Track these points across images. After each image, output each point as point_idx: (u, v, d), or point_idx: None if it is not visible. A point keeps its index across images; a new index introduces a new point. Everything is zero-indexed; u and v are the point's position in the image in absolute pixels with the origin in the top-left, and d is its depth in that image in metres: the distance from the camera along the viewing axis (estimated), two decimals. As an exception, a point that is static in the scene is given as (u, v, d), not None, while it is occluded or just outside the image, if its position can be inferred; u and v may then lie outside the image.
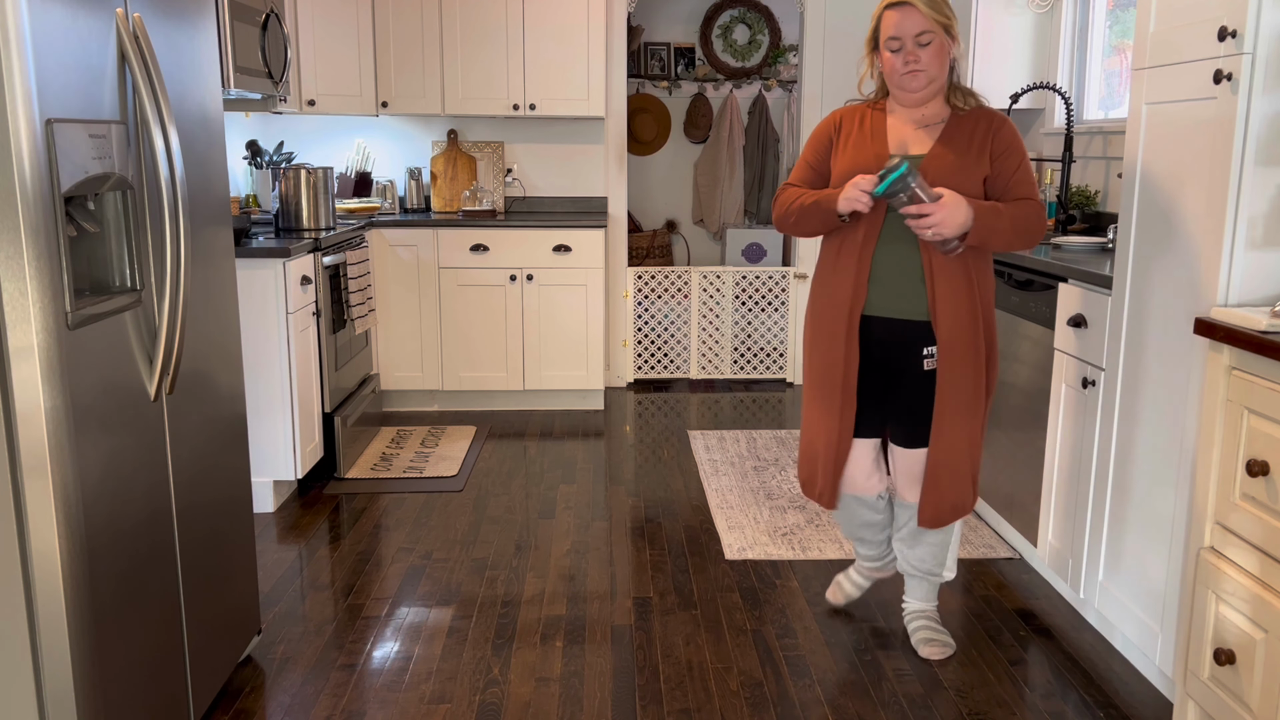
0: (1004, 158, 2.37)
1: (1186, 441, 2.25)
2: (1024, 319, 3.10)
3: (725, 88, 7.22)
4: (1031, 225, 2.37)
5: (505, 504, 3.74)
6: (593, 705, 2.41)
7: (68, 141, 1.67)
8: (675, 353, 5.65)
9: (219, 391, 2.37)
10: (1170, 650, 2.34)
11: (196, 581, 2.22)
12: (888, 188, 2.23)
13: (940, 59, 2.34)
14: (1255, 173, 2.06)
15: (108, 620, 1.81)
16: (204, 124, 2.28)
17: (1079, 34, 4.11)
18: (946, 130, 2.39)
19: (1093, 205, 3.82)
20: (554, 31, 4.96)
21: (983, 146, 2.36)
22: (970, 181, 2.34)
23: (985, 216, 2.31)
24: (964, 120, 2.39)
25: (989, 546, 3.33)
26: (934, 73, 2.35)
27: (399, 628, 2.78)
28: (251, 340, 3.49)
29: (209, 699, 2.30)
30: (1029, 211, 2.36)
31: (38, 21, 1.60)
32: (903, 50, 2.33)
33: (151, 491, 2.01)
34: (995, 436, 3.33)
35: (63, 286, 1.67)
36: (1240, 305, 2.10)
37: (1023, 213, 2.36)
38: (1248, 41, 2.02)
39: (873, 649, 2.68)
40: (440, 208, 5.32)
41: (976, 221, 2.29)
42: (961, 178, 2.34)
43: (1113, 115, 3.95)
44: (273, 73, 3.84)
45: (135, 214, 1.93)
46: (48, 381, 1.64)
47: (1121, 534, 2.54)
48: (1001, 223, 2.33)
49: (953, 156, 2.36)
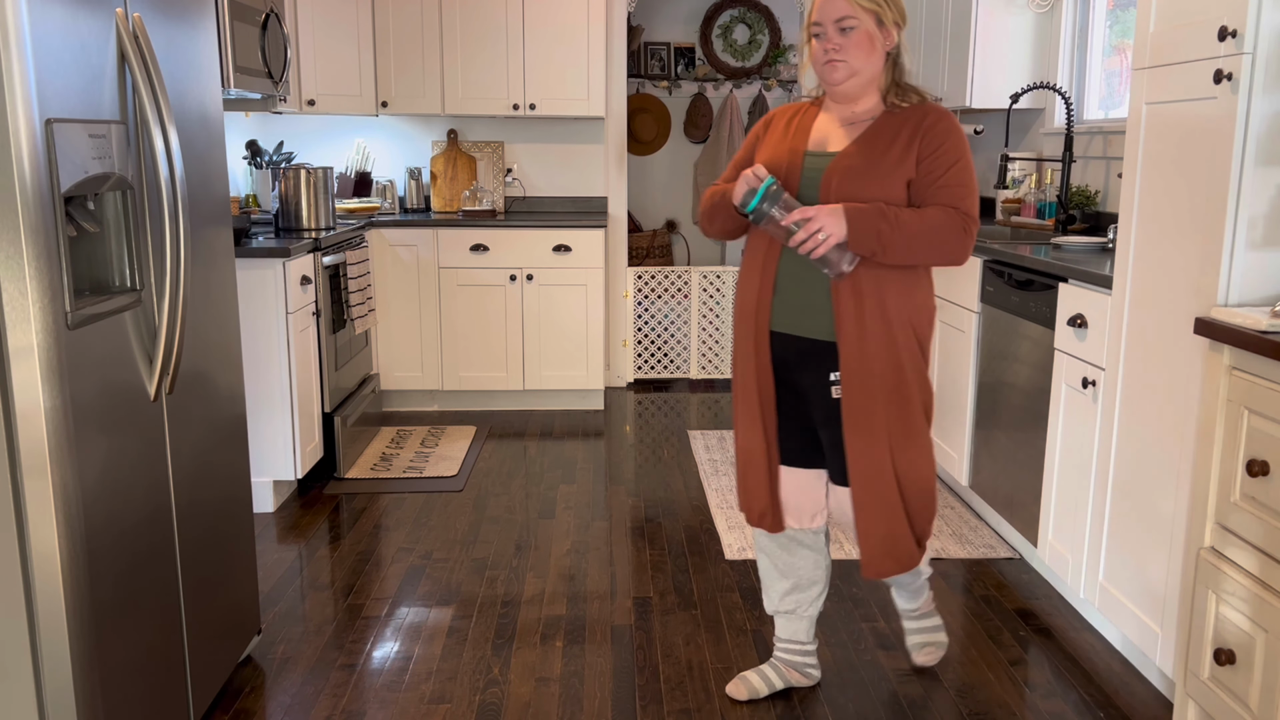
0: (931, 159, 2.09)
1: (1186, 441, 2.25)
2: (1024, 319, 3.10)
3: (725, 88, 7.22)
4: (944, 236, 2.06)
5: (505, 504, 3.74)
6: (593, 705, 2.41)
7: (68, 141, 1.67)
8: (675, 353, 5.65)
9: (219, 391, 2.37)
10: (1170, 650, 2.34)
11: (196, 581, 2.22)
12: (754, 208, 2.05)
13: (866, 50, 2.08)
14: (1255, 173, 2.06)
15: (108, 620, 1.81)
16: (204, 124, 2.28)
17: (1079, 34, 4.11)
18: (870, 128, 2.13)
19: (1093, 205, 3.82)
20: (554, 31, 4.96)
21: (908, 147, 2.09)
22: (884, 186, 2.08)
23: (868, 221, 2.03)
24: (893, 118, 2.13)
25: (989, 546, 3.32)
26: (857, 65, 2.09)
27: (399, 628, 2.78)
28: (251, 340, 3.49)
29: (209, 699, 2.29)
30: (942, 221, 2.06)
31: (38, 21, 1.60)
32: (824, 37, 2.09)
33: (151, 491, 2.01)
34: (995, 436, 3.33)
35: (62, 286, 1.67)
36: (1240, 305, 2.10)
37: (932, 221, 2.06)
38: (1248, 41, 2.02)
39: (873, 649, 2.68)
40: (440, 208, 5.32)
41: (854, 226, 2.02)
42: (871, 182, 2.08)
43: (1113, 115, 3.95)
44: (273, 73, 3.84)
45: (135, 214, 1.93)
46: (48, 381, 1.64)
47: (1121, 534, 2.54)
48: (895, 230, 2.03)
49: (865, 157, 2.10)
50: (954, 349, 3.65)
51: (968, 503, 3.71)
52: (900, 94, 2.15)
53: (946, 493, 3.81)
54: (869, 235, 2.03)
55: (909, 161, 2.09)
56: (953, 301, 3.65)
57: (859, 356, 2.12)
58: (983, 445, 3.44)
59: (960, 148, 2.10)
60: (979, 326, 3.44)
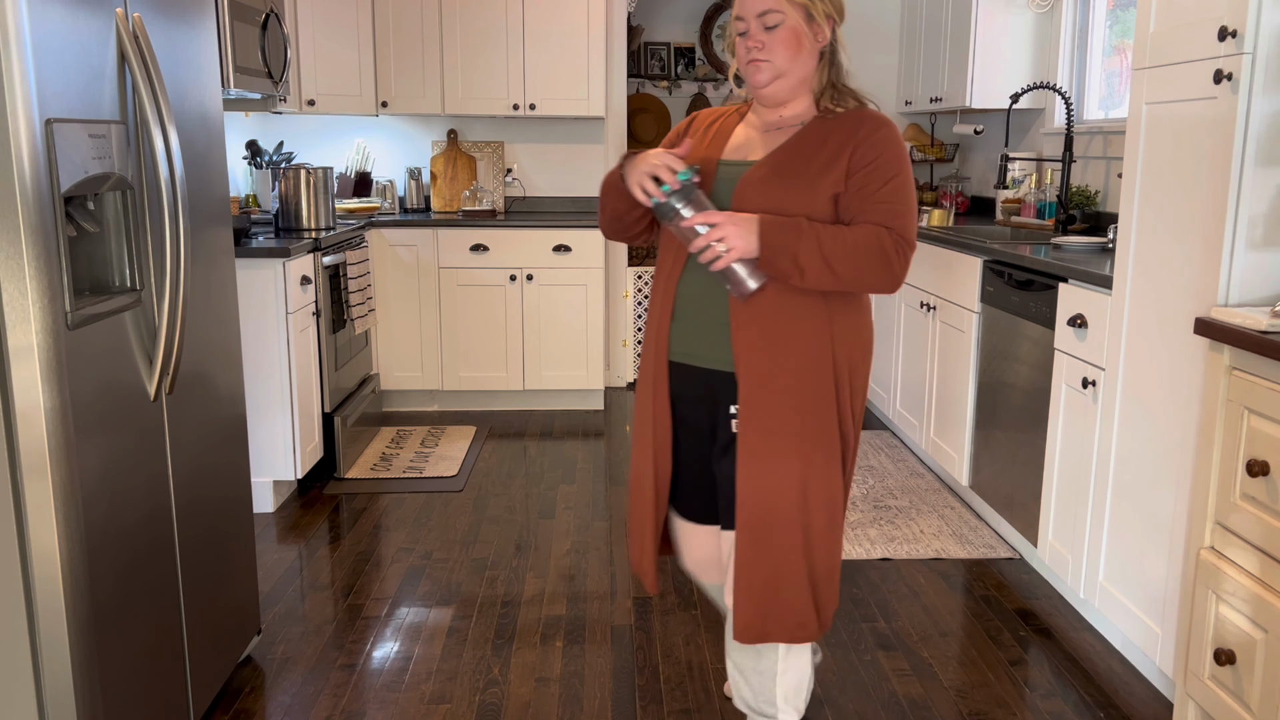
0: (865, 172, 1.79)
1: (1186, 441, 2.25)
2: (1024, 319, 3.10)
3: (725, 88, 7.22)
4: (870, 259, 1.76)
5: (505, 504, 3.74)
6: (593, 705, 2.41)
7: (67, 141, 1.67)
8: (675, 353, 5.64)
9: (219, 391, 2.37)
10: (1170, 650, 2.34)
11: (196, 581, 2.22)
12: (660, 206, 1.78)
13: (793, 49, 1.81)
14: (1255, 173, 2.06)
15: (108, 620, 1.81)
16: (204, 124, 2.28)
17: (1079, 34, 4.11)
18: (796, 135, 1.85)
19: (1093, 205, 3.82)
20: (554, 31, 4.96)
21: (835, 157, 1.80)
22: (805, 199, 1.80)
23: (784, 236, 1.74)
24: (824, 124, 1.85)
25: (989, 546, 3.33)
26: (782, 65, 1.82)
27: (399, 628, 2.78)
28: (251, 340, 3.49)
29: (209, 699, 2.29)
30: (869, 241, 1.76)
31: (38, 21, 1.60)
32: (747, 34, 1.83)
33: (151, 491, 2.01)
34: (995, 436, 3.33)
35: (62, 286, 1.67)
36: (1240, 305, 2.10)
37: (858, 241, 1.76)
38: (1248, 41, 2.02)
39: (873, 649, 2.68)
40: (440, 208, 5.32)
41: (767, 240, 1.74)
42: (789, 194, 1.80)
43: (1113, 115, 3.95)
44: (273, 73, 3.84)
45: (135, 214, 1.93)
46: (48, 381, 1.64)
47: (1121, 534, 2.54)
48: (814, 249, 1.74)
49: (786, 167, 1.82)
50: (954, 349, 3.65)
51: (968, 503, 3.71)
52: (835, 97, 1.87)
53: (947, 492, 3.81)
54: (783, 253, 1.75)
55: (836, 173, 1.80)
56: (953, 301, 3.65)
57: (758, 390, 1.83)
58: (983, 445, 3.44)
59: (899, 161, 1.81)
60: (979, 326, 3.44)
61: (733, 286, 1.79)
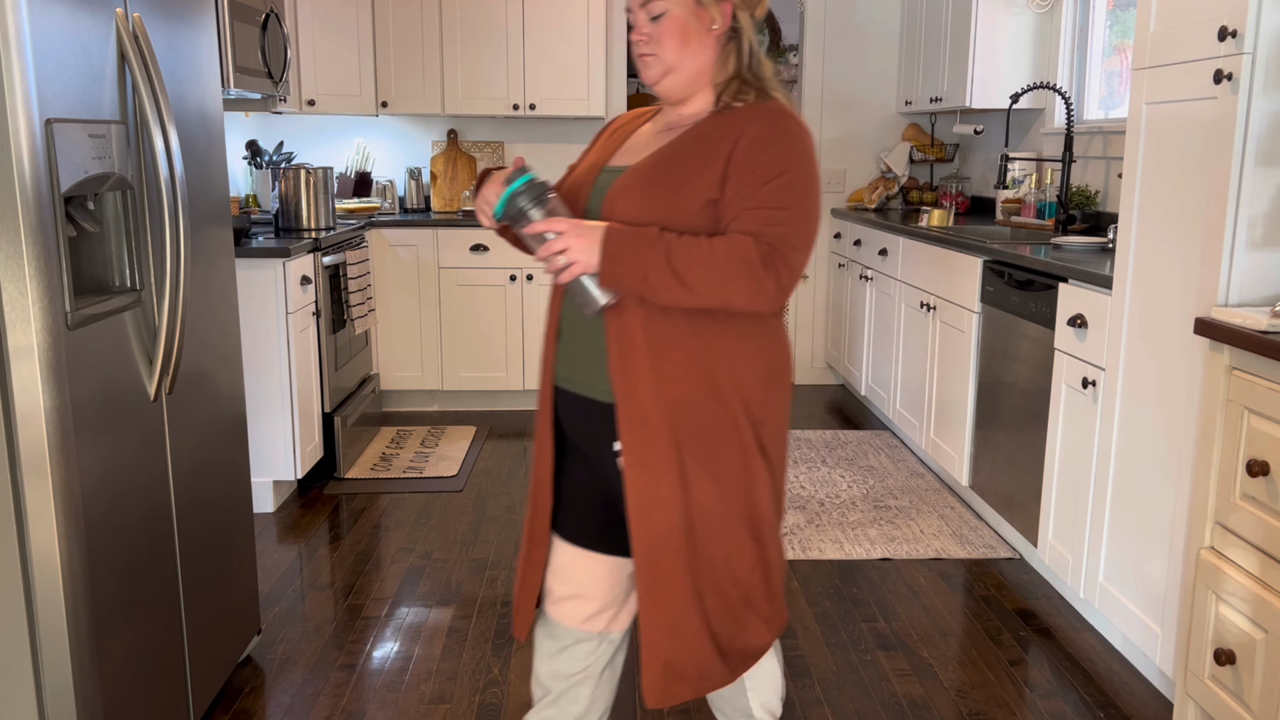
0: (743, 174, 1.55)
1: (1186, 441, 2.25)
2: (1024, 319, 3.10)
3: (725, 88, 7.22)
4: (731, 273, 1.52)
5: (505, 504, 3.74)
6: (593, 705, 2.40)
7: (67, 141, 1.67)
8: (675, 353, 5.64)
9: (219, 391, 2.37)
10: (1170, 650, 2.34)
11: (196, 581, 2.22)
12: (504, 207, 1.59)
13: (679, 40, 1.61)
14: (1255, 173, 2.06)
15: (107, 620, 1.81)
16: (204, 124, 2.28)
17: (1079, 34, 4.11)
18: (680, 137, 1.63)
19: (1093, 205, 3.82)
20: (554, 31, 4.96)
21: (709, 158, 1.58)
22: (673, 208, 1.57)
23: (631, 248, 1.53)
24: (718, 122, 1.62)
25: (989, 546, 3.33)
26: (670, 59, 1.62)
27: (399, 628, 2.78)
28: (251, 340, 3.49)
29: (209, 699, 2.29)
30: (732, 252, 1.52)
31: (38, 21, 1.60)
32: (635, 26, 1.64)
33: (151, 491, 2.01)
34: (995, 436, 3.33)
35: (62, 286, 1.67)
36: (1240, 305, 2.10)
37: (719, 253, 1.52)
38: (1248, 41, 2.02)
39: (873, 649, 2.68)
40: (440, 208, 5.32)
41: (610, 252, 1.53)
42: (656, 203, 1.58)
43: (1113, 115, 3.95)
44: (272, 73, 3.84)
45: (135, 214, 1.93)
46: (48, 381, 1.64)
47: (1121, 534, 2.54)
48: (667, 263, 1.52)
49: (656, 173, 1.60)
50: (954, 349, 3.65)
51: (968, 503, 3.71)
52: (739, 91, 1.64)
53: (947, 492, 3.81)
54: (628, 267, 1.53)
55: (709, 176, 1.57)
56: (953, 301, 3.65)
57: (643, 428, 1.61)
58: (983, 445, 3.44)
59: (786, 159, 1.55)
60: (979, 326, 3.44)
61: (581, 302, 1.60)
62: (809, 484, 3.92)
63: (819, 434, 4.61)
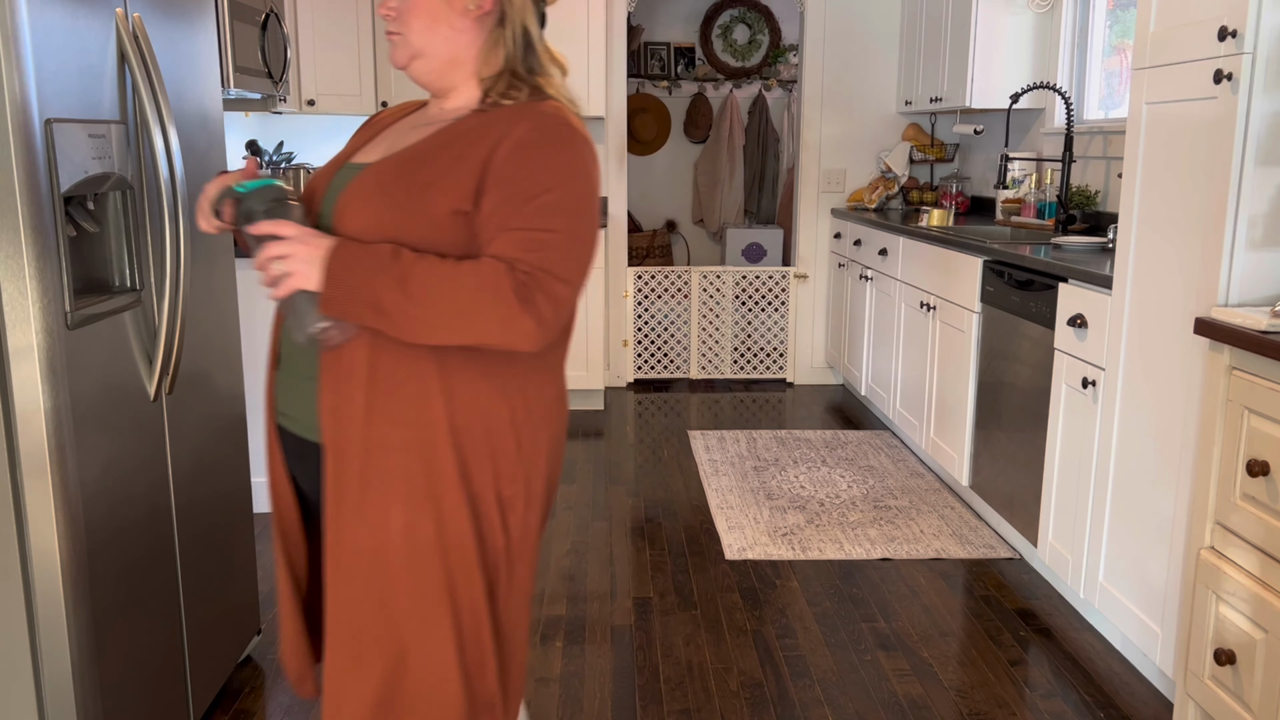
0: (503, 188, 1.31)
1: (1186, 441, 2.25)
2: (1024, 319, 3.10)
3: (725, 88, 7.22)
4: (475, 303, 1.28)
5: (505, 504, 3.74)
6: (593, 705, 2.41)
7: (67, 141, 1.67)
8: (675, 353, 5.65)
9: (219, 391, 2.37)
10: (1170, 650, 2.34)
11: (196, 581, 2.22)
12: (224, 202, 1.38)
13: (427, 19, 1.39)
14: (1255, 173, 2.06)
15: (108, 620, 1.81)
16: (204, 124, 2.28)
17: (1079, 34, 4.12)
18: (431, 135, 1.39)
19: (1093, 205, 3.83)
20: (553, 32, 4.92)
21: (458, 163, 1.33)
22: (412, 221, 1.32)
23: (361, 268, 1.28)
24: (472, 123, 1.38)
25: (989, 546, 3.33)
26: (417, 42, 1.40)
27: (399, 628, 2.78)
28: (251, 340, 3.48)
29: (209, 699, 2.29)
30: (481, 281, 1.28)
31: (37, 21, 1.60)
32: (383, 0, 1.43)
33: (151, 491, 2.01)
34: (995, 436, 3.33)
35: (62, 286, 1.67)
36: (1240, 305, 2.10)
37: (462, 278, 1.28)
38: (1248, 41, 2.02)
39: (873, 649, 2.68)
40: (440, 208, 5.32)
41: (336, 271, 1.29)
42: (390, 213, 1.33)
43: (1113, 115, 3.95)
44: (272, 72, 3.84)
45: (135, 214, 1.93)
46: (48, 381, 1.64)
47: (1121, 534, 2.54)
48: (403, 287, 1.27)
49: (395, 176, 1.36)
50: (954, 349, 3.65)
51: (968, 503, 3.71)
52: (509, 87, 1.42)
53: (947, 492, 3.81)
54: (355, 293, 1.28)
55: (459, 184, 1.32)
56: (953, 301, 3.65)
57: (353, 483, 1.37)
58: (983, 445, 3.44)
59: (554, 172, 1.32)
60: (979, 326, 3.44)
61: (293, 325, 1.33)
62: (809, 484, 3.92)
63: (819, 434, 4.61)
